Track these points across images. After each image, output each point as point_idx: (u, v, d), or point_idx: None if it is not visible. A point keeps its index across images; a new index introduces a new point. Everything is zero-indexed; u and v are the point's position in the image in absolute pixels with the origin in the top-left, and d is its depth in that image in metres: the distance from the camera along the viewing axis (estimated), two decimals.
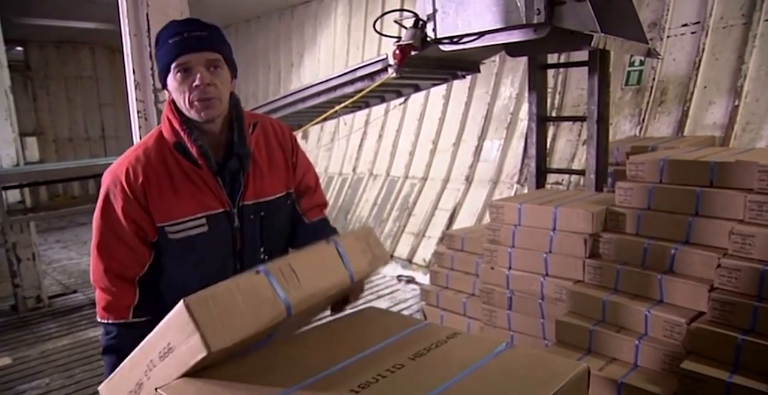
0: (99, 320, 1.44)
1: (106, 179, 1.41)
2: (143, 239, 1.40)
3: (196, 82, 1.33)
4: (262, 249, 1.52)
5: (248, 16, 8.94)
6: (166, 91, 1.43)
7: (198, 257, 1.43)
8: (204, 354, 0.99)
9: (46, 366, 3.64)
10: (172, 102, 1.42)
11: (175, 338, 1.03)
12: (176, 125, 1.39)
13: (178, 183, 1.39)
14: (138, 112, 2.13)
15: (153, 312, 1.35)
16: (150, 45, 2.09)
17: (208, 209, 1.41)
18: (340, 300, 1.44)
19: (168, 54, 1.35)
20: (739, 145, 3.73)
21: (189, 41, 1.34)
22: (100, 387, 1.23)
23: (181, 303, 1.01)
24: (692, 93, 4.08)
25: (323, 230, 1.62)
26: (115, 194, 1.38)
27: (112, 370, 1.21)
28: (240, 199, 1.45)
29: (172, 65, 1.34)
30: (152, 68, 2.10)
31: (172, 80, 1.37)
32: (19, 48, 9.99)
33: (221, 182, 1.42)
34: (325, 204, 1.72)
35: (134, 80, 2.11)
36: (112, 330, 1.42)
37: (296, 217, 1.63)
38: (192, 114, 1.37)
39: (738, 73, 3.85)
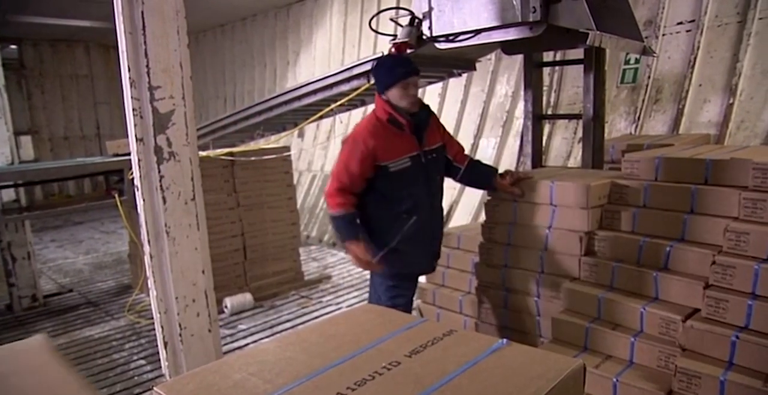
0: (335, 213, 2.48)
1: (356, 135, 2.46)
2: (364, 175, 2.45)
3: (413, 93, 2.48)
4: (438, 177, 2.65)
5: (244, 15, 8.91)
6: (388, 94, 2.48)
7: (405, 182, 2.50)
8: None
9: None
10: (387, 100, 2.49)
11: None
12: (391, 110, 2.46)
13: (392, 140, 2.46)
14: (133, 109, 2.12)
15: (357, 209, 2.50)
16: (145, 43, 2.08)
17: (410, 152, 2.49)
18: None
19: (399, 76, 2.44)
20: (733, 143, 3.75)
21: (412, 71, 2.47)
22: None
23: None
24: (687, 91, 4.09)
25: (479, 165, 2.81)
26: (358, 148, 2.42)
27: (353, 228, 2.48)
28: (422, 146, 2.53)
29: (400, 83, 2.44)
30: (147, 66, 2.09)
31: (400, 89, 2.45)
32: (14, 46, 9.94)
33: (416, 138, 2.51)
34: (464, 148, 2.81)
35: (129, 78, 2.10)
36: (345, 215, 2.47)
37: (448, 161, 2.73)
38: (407, 106, 2.47)
39: (733, 71, 3.86)
